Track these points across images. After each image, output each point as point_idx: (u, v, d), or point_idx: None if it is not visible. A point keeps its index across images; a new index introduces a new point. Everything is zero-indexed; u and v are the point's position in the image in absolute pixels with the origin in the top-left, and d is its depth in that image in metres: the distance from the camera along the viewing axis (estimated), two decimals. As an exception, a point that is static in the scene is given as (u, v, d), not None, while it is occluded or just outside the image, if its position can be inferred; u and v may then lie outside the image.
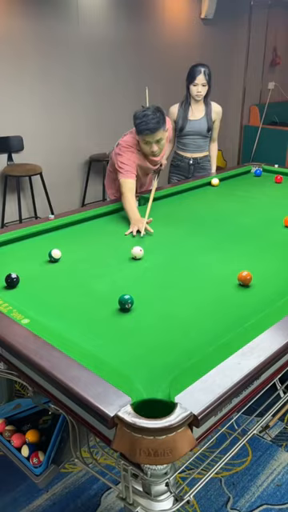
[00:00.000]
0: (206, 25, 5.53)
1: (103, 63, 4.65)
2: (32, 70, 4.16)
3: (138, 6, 4.79)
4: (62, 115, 4.49)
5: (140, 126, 2.41)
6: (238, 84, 6.19)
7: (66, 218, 2.33)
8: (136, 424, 0.99)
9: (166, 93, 4.74)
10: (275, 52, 6.52)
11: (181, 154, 3.33)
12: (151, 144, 2.48)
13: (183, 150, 3.32)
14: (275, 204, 2.65)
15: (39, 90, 4.27)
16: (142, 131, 2.42)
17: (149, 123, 2.38)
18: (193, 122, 3.22)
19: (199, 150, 3.32)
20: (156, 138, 2.45)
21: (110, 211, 2.49)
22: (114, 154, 2.67)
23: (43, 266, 1.84)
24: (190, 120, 3.22)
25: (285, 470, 1.96)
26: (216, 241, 2.11)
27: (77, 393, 1.09)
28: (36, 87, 4.24)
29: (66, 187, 4.72)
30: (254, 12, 5.88)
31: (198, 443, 1.07)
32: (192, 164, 3.32)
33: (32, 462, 1.49)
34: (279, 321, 1.38)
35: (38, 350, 1.24)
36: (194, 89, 3.12)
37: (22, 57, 4.07)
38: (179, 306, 1.55)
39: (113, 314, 1.50)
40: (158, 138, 2.46)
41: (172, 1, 5.12)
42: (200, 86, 3.10)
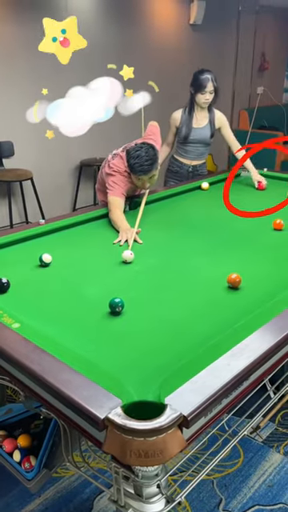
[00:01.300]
0: (194, 30, 5.58)
1: (93, 68, 4.65)
2: (22, 75, 4.17)
3: (128, 12, 4.82)
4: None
5: (134, 166, 2.42)
6: (227, 89, 6.24)
7: (56, 222, 2.33)
8: (126, 426, 1.00)
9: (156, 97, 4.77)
10: (263, 57, 6.59)
11: (180, 160, 3.32)
12: (144, 181, 2.50)
13: (183, 157, 3.31)
14: (263, 207, 2.67)
15: (29, 95, 4.27)
16: (135, 172, 2.43)
17: (143, 165, 2.39)
18: (197, 129, 3.21)
19: (199, 158, 3.33)
20: (150, 176, 2.47)
21: (101, 215, 2.50)
22: (104, 170, 2.67)
23: (34, 271, 1.84)
24: (195, 128, 3.21)
25: (276, 470, 1.97)
26: (206, 244, 2.12)
27: (67, 396, 1.09)
28: (26, 92, 4.25)
29: (57, 192, 4.72)
30: (242, 18, 5.94)
31: (188, 444, 1.08)
32: (191, 171, 3.34)
33: (24, 466, 1.49)
34: (268, 322, 1.40)
35: (29, 354, 1.25)
36: (202, 97, 3.10)
37: (12, 62, 4.08)
38: (170, 308, 1.57)
39: (104, 318, 1.51)
40: (151, 175, 2.48)
41: (161, 7, 5.16)
42: (208, 94, 3.09)
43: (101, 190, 2.89)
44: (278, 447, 2.10)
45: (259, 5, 6.04)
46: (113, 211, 2.44)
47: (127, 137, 3.17)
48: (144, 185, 2.54)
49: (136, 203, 2.66)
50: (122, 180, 2.55)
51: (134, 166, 2.42)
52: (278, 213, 2.47)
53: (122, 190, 2.53)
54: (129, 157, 2.45)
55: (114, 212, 2.43)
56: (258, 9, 6.08)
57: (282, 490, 1.87)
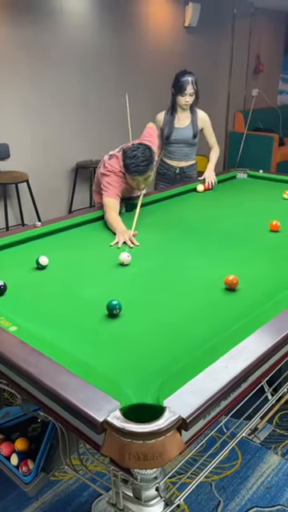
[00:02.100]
0: (189, 33, 5.60)
1: (88, 70, 4.67)
2: (18, 77, 4.17)
3: (123, 14, 4.83)
4: (48, 122, 4.50)
5: (130, 167, 2.41)
6: (222, 91, 6.26)
7: (53, 224, 2.33)
8: (125, 429, 0.99)
9: (151, 100, 4.79)
10: (258, 59, 6.62)
11: (167, 162, 3.34)
12: (139, 182, 2.49)
13: (169, 158, 3.33)
14: (260, 209, 2.68)
15: (25, 98, 4.27)
16: (131, 172, 2.43)
17: (139, 166, 2.39)
18: (179, 129, 3.24)
19: (185, 159, 3.33)
20: (145, 177, 2.47)
21: (98, 217, 2.50)
22: (100, 171, 2.67)
23: (31, 273, 1.84)
24: (176, 128, 3.23)
25: (274, 472, 1.97)
26: (203, 246, 2.12)
27: (65, 399, 1.09)
28: (21, 95, 4.24)
29: (53, 194, 4.72)
30: (237, 20, 5.96)
31: (187, 447, 1.08)
32: (178, 173, 3.34)
33: (21, 470, 1.48)
34: (266, 323, 1.40)
35: (26, 357, 1.24)
36: (183, 99, 3.13)
37: (7, 65, 4.07)
38: (167, 310, 1.56)
39: (101, 320, 1.50)
40: (147, 176, 2.47)
41: (156, 9, 5.17)
42: (188, 96, 3.11)
43: (97, 191, 2.88)
44: (276, 449, 2.10)
45: (254, 7, 6.07)
46: (108, 213, 2.43)
47: (123, 139, 3.17)
48: (139, 185, 2.53)
49: (132, 205, 2.66)
50: (116, 181, 2.54)
51: (130, 166, 2.41)
52: (275, 214, 2.48)
53: (116, 190, 2.53)
54: (125, 157, 2.44)
55: (109, 214, 2.42)
56: (253, 11, 6.11)
57: (280, 492, 1.87)
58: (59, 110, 4.55)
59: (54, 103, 4.49)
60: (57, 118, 4.55)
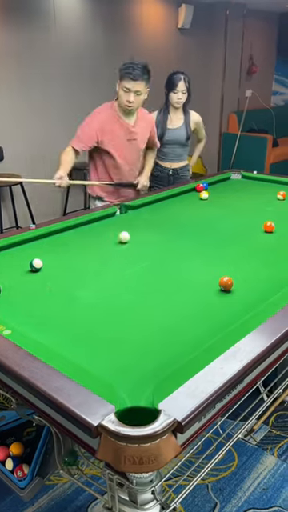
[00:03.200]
0: (183, 34, 5.61)
1: (81, 72, 4.67)
2: (10, 79, 4.16)
3: (116, 16, 4.83)
4: (42, 124, 4.49)
5: (124, 70, 2.49)
6: (216, 92, 6.27)
7: (47, 227, 2.32)
8: (120, 432, 0.99)
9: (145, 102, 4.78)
10: (251, 60, 6.64)
11: (160, 163, 3.34)
12: (129, 93, 2.52)
13: (162, 160, 3.33)
14: (254, 210, 2.69)
15: (18, 100, 4.26)
16: (124, 75, 2.49)
17: (135, 69, 2.48)
18: (171, 130, 3.24)
19: (178, 160, 3.33)
20: (136, 88, 2.50)
21: (92, 220, 2.49)
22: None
23: (25, 276, 1.82)
24: (169, 129, 3.23)
25: (270, 473, 1.97)
26: (198, 247, 2.12)
27: (60, 403, 1.08)
28: (15, 97, 4.23)
29: (48, 197, 4.70)
30: (230, 22, 5.98)
31: (183, 449, 1.08)
32: (171, 175, 3.34)
33: (16, 475, 1.47)
34: (261, 324, 1.39)
35: (21, 361, 1.23)
36: (175, 96, 3.14)
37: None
38: (162, 312, 1.56)
39: (96, 323, 1.50)
40: (138, 89, 2.51)
41: (149, 11, 5.18)
42: (180, 93, 3.13)
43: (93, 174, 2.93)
44: (272, 450, 2.10)
45: (246, 9, 6.08)
46: (66, 150, 2.58)
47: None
48: (128, 99, 2.55)
49: (127, 207, 2.66)
50: (94, 121, 2.62)
51: (126, 69, 2.49)
52: (269, 215, 2.48)
53: (82, 139, 2.62)
54: (122, 64, 2.53)
55: (66, 151, 2.58)
56: (246, 13, 6.13)
57: (276, 493, 1.87)
58: (53, 112, 4.54)
59: (47, 105, 4.48)
60: (50, 120, 4.53)
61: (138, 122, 2.80)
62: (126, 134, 2.75)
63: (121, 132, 2.73)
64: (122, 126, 2.72)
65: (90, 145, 2.67)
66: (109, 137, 2.68)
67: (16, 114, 4.29)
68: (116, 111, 2.70)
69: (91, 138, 2.64)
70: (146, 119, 2.89)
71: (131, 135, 2.78)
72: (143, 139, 2.89)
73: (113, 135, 2.70)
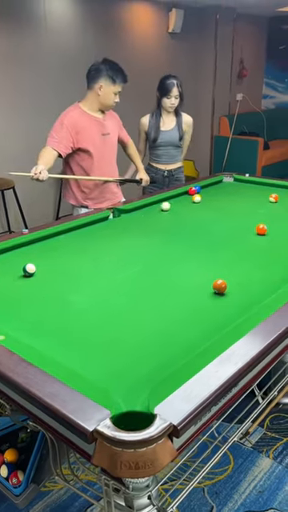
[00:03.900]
0: (173, 39, 5.64)
1: (72, 76, 4.66)
2: (1, 84, 4.15)
3: (107, 21, 4.84)
4: (33, 128, 4.48)
5: (120, 73, 2.64)
6: (207, 96, 6.30)
7: (40, 231, 2.31)
8: (116, 437, 0.98)
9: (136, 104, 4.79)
10: (242, 64, 6.68)
11: (155, 165, 3.36)
12: (116, 95, 2.70)
13: (157, 162, 3.35)
14: (246, 213, 2.69)
15: (10, 104, 4.25)
16: (118, 79, 2.65)
17: (124, 73, 2.66)
18: (165, 132, 3.27)
19: (173, 161, 3.36)
20: (121, 89, 2.70)
21: (85, 224, 2.48)
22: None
23: (18, 281, 1.81)
24: (162, 131, 3.26)
25: (266, 475, 1.97)
26: (191, 250, 2.12)
27: (55, 409, 1.07)
28: (6, 101, 4.22)
29: (40, 201, 4.69)
30: (220, 26, 6.02)
31: (179, 454, 1.07)
32: (167, 176, 3.36)
33: (11, 482, 1.46)
34: (255, 327, 1.40)
35: (15, 367, 1.22)
36: (168, 101, 3.18)
37: (-9, 71, 4.05)
38: (156, 316, 1.55)
39: (90, 328, 1.49)
40: (120, 89, 2.71)
41: (140, 15, 5.20)
42: (173, 99, 3.17)
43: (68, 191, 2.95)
44: (268, 452, 2.10)
45: (236, 13, 6.13)
46: (40, 152, 2.64)
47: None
48: (116, 100, 2.72)
49: (120, 211, 2.66)
50: (61, 124, 2.68)
51: (121, 73, 2.65)
52: (262, 217, 2.49)
53: (60, 140, 2.66)
54: (114, 65, 2.67)
55: (40, 152, 2.64)
56: (236, 17, 6.17)
57: (272, 495, 1.87)
58: (44, 116, 4.52)
59: (38, 109, 4.47)
60: (41, 124, 4.52)
61: (106, 117, 2.86)
62: (99, 128, 2.79)
63: (94, 127, 2.77)
64: (93, 121, 2.77)
65: (68, 145, 2.68)
66: (83, 134, 2.72)
67: (7, 118, 4.27)
68: (84, 110, 2.75)
69: (68, 139, 2.67)
70: (112, 115, 2.95)
71: (104, 129, 2.82)
72: (115, 134, 2.94)
73: (87, 132, 2.73)
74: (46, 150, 2.65)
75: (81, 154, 2.78)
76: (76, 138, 2.70)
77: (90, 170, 2.83)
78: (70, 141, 2.68)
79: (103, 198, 2.94)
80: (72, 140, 2.69)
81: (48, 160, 2.61)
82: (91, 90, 2.73)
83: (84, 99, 2.79)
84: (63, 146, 2.66)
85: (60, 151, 2.67)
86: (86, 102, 2.78)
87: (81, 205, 2.93)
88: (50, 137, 2.69)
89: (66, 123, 2.67)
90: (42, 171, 2.49)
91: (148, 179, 3.19)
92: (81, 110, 2.76)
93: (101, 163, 2.84)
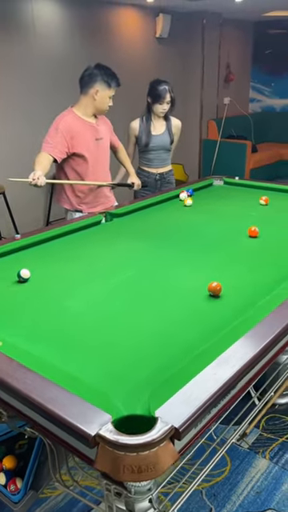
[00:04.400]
0: (161, 44, 5.67)
1: (61, 82, 4.67)
2: (-10, 89, 4.14)
3: (95, 26, 4.86)
4: (23, 133, 4.47)
5: (114, 77, 2.71)
6: (195, 100, 6.35)
7: (32, 237, 2.30)
8: (118, 441, 0.99)
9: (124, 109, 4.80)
10: (229, 69, 6.75)
11: (146, 169, 3.38)
12: (110, 99, 2.76)
13: (148, 166, 3.37)
14: (238, 215, 2.72)
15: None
16: (113, 84, 2.72)
17: (118, 77, 2.72)
18: (156, 136, 3.30)
19: (163, 165, 3.39)
20: (114, 93, 2.77)
21: (78, 229, 2.48)
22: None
23: (12, 287, 1.81)
24: (153, 135, 3.29)
25: (263, 476, 1.98)
26: (184, 253, 2.13)
27: (55, 414, 1.07)
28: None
29: (30, 206, 4.68)
30: (207, 31, 6.07)
31: (180, 456, 1.08)
32: (159, 179, 3.38)
33: (9, 489, 1.45)
34: (251, 329, 1.41)
35: (13, 373, 1.22)
36: (160, 107, 3.21)
37: (-21, 77, 4.04)
38: (152, 319, 1.56)
39: (86, 332, 1.49)
40: (114, 93, 2.78)
41: (128, 20, 5.23)
42: (165, 104, 3.20)
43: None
44: (264, 453, 2.11)
45: (223, 18, 6.19)
46: (36, 157, 2.64)
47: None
48: (110, 103, 2.77)
49: (112, 215, 2.66)
50: (56, 130, 2.68)
51: (116, 78, 2.70)
52: (253, 220, 2.51)
53: (55, 146, 2.67)
54: (108, 71, 2.71)
55: (36, 157, 2.64)
56: (222, 22, 6.23)
57: (270, 496, 1.88)
58: (33, 121, 4.52)
59: (27, 115, 4.46)
60: (31, 130, 4.51)
61: (99, 122, 2.88)
62: (93, 133, 2.81)
63: (88, 132, 2.79)
64: (87, 126, 2.79)
65: (63, 150, 2.70)
66: (78, 139, 2.73)
67: (-4, 124, 4.26)
68: (78, 115, 2.77)
69: (63, 144, 2.68)
70: (104, 120, 2.97)
71: (98, 134, 2.84)
72: (108, 138, 2.96)
73: (81, 137, 2.75)
74: (42, 155, 2.65)
75: (76, 159, 2.78)
76: (71, 143, 2.70)
77: (84, 174, 2.83)
78: (64, 146, 2.68)
79: (97, 202, 2.95)
80: (67, 145, 2.69)
81: (45, 165, 2.61)
82: (86, 94, 2.74)
83: (77, 104, 2.80)
84: (58, 150, 2.67)
85: (55, 156, 2.67)
86: (80, 106, 2.78)
87: (75, 209, 2.93)
88: (45, 142, 2.69)
89: (61, 128, 2.67)
90: (40, 177, 2.50)
91: (140, 183, 3.21)
92: (75, 115, 2.76)
93: (95, 168, 2.85)
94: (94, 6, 4.79)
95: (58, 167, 2.85)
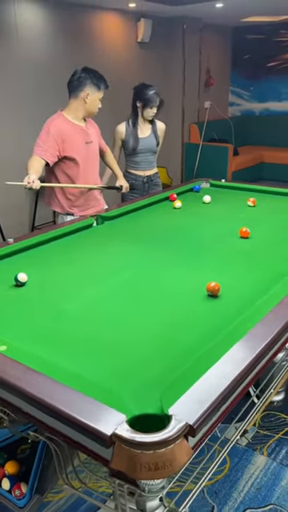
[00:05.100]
0: (142, 48, 5.72)
1: (45, 83, 4.66)
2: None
3: (77, 30, 4.87)
4: (7, 135, 4.44)
5: (103, 80, 2.74)
6: (177, 104, 6.40)
7: (25, 241, 2.28)
8: (135, 440, 0.99)
9: (107, 113, 4.82)
10: (209, 73, 6.84)
11: (134, 172, 3.40)
12: (100, 101, 2.80)
13: (136, 169, 3.39)
14: (227, 217, 2.76)
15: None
16: (102, 86, 2.77)
17: (106, 80, 2.77)
18: (143, 139, 3.33)
19: (150, 167, 3.43)
20: (102, 94, 2.82)
21: (70, 232, 2.48)
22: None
23: (11, 291, 1.80)
24: (141, 138, 3.32)
25: (262, 472, 2.01)
26: (178, 255, 2.15)
27: (70, 416, 1.07)
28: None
29: (15, 210, 4.64)
30: (187, 35, 6.15)
31: (194, 452, 1.09)
32: (146, 182, 3.41)
33: (14, 494, 1.44)
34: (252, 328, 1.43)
35: (22, 376, 1.21)
36: (151, 111, 3.27)
37: None
38: (156, 320, 1.56)
39: (89, 334, 1.49)
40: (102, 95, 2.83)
41: (109, 25, 5.25)
42: (155, 108, 3.26)
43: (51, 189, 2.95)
44: (261, 449, 2.14)
45: (203, 23, 6.27)
46: (29, 161, 2.64)
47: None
48: (99, 105, 2.82)
49: (103, 218, 2.67)
50: (47, 133, 2.69)
51: (100, 79, 2.75)
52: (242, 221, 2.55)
53: (47, 149, 2.68)
54: (97, 74, 2.77)
55: (29, 161, 2.64)
56: (202, 27, 6.32)
57: (270, 491, 1.91)
58: (16, 126, 4.49)
59: (10, 119, 4.43)
60: (14, 134, 4.49)
61: (88, 125, 2.91)
62: (84, 136, 2.84)
63: (79, 136, 2.81)
64: (78, 130, 2.81)
65: (54, 154, 2.71)
66: (69, 143, 2.75)
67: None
68: (68, 118, 2.78)
69: (54, 148, 2.70)
70: (92, 124, 3.00)
71: (88, 137, 2.87)
72: (97, 142, 2.99)
73: (72, 140, 2.77)
74: (34, 159, 2.65)
75: (67, 162, 2.78)
76: (62, 147, 2.71)
77: (75, 177, 2.84)
78: (56, 149, 2.69)
79: (88, 205, 2.96)
80: (58, 148, 2.69)
81: (37, 169, 2.62)
82: (76, 98, 2.76)
83: (67, 108, 2.80)
84: (50, 154, 2.67)
85: (47, 160, 2.67)
86: (70, 110, 2.79)
87: (66, 212, 2.93)
88: (36, 146, 2.69)
89: (53, 132, 2.67)
90: (35, 180, 2.52)
91: (128, 186, 3.23)
92: (65, 119, 2.77)
93: (86, 171, 2.86)
94: (76, 10, 4.80)
95: (48, 170, 2.85)
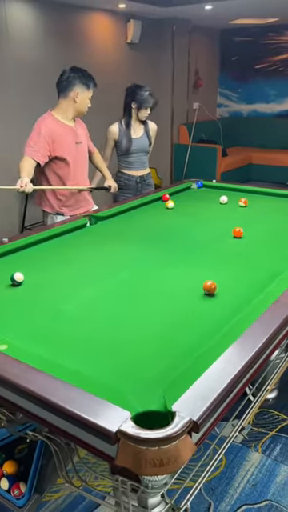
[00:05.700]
0: (132, 49, 5.73)
1: (36, 84, 4.64)
2: None
3: (67, 31, 4.86)
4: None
5: (91, 79, 2.77)
6: (166, 105, 6.43)
7: (20, 240, 2.28)
8: (140, 436, 1.00)
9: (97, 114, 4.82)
10: (197, 75, 6.88)
11: (127, 172, 3.41)
12: (90, 100, 2.83)
13: (129, 169, 3.40)
14: (220, 217, 2.78)
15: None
16: (91, 85, 2.79)
17: (94, 79, 2.80)
18: (136, 139, 3.35)
19: (143, 167, 3.45)
20: (91, 94, 2.84)
21: (64, 232, 2.47)
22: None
23: (7, 291, 1.79)
24: (134, 138, 3.34)
25: (258, 469, 2.03)
26: (173, 255, 2.16)
27: (75, 413, 1.08)
28: None
29: (5, 210, 4.61)
30: (177, 37, 6.18)
31: (197, 448, 1.11)
32: (139, 182, 3.43)
33: (13, 493, 1.44)
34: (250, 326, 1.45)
35: (24, 375, 1.21)
36: (145, 111, 3.30)
37: None
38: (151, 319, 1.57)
39: (89, 333, 1.50)
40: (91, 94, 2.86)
41: (99, 26, 5.25)
42: (149, 109, 3.28)
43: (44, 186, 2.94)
44: (256, 446, 2.17)
45: (192, 25, 6.31)
46: (21, 163, 2.64)
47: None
48: (89, 104, 2.82)
49: (96, 218, 2.67)
50: (38, 134, 2.69)
51: (89, 78, 2.76)
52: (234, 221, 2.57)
53: (38, 150, 2.68)
54: (86, 73, 2.78)
55: (21, 163, 2.64)
56: (191, 29, 6.36)
57: (265, 488, 1.93)
58: (6, 127, 4.47)
59: (1, 117, 4.41)
60: (4, 135, 4.46)
61: (77, 125, 2.92)
62: (73, 137, 2.85)
63: (69, 136, 2.81)
64: (68, 130, 2.82)
65: (45, 154, 2.71)
66: (60, 143, 2.75)
67: None
68: (58, 118, 2.79)
69: (45, 148, 2.70)
70: (81, 124, 3.00)
71: (78, 137, 2.88)
72: (86, 142, 3.00)
73: (63, 140, 2.78)
74: (25, 160, 2.65)
75: (57, 163, 2.78)
76: (52, 147, 2.71)
77: (66, 178, 2.84)
78: (47, 149, 2.69)
79: (78, 205, 2.98)
80: (49, 148, 2.70)
81: (29, 171, 2.63)
82: (65, 98, 2.76)
83: (57, 108, 2.81)
84: (41, 154, 2.67)
85: (39, 160, 2.67)
86: (59, 110, 2.79)
87: (56, 212, 2.93)
88: (27, 146, 2.68)
89: (43, 132, 2.67)
90: (28, 184, 2.53)
91: (116, 186, 3.24)
92: (54, 119, 2.77)
93: (76, 171, 2.87)
94: (66, 10, 4.79)
95: (38, 171, 2.84)
